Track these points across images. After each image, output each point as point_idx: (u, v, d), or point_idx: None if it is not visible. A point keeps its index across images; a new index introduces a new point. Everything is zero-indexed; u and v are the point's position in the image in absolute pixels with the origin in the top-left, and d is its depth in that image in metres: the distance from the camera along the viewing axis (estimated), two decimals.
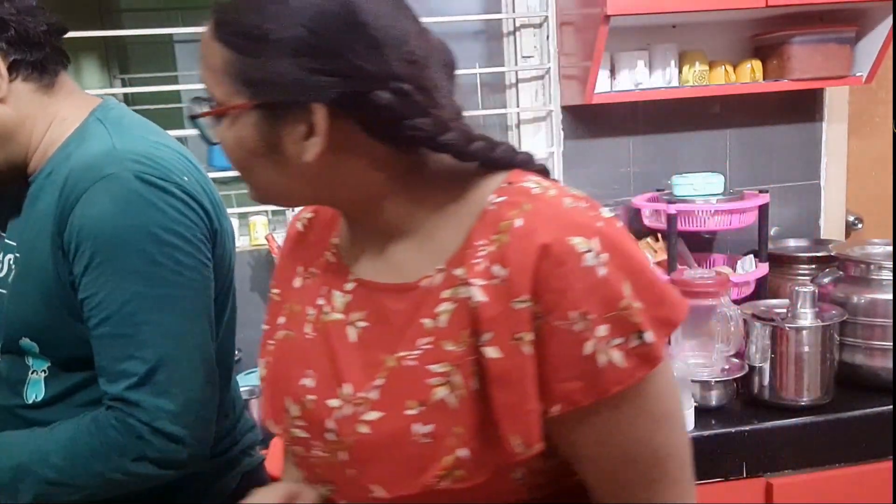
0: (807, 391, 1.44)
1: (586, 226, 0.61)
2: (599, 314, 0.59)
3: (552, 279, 0.59)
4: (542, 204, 0.63)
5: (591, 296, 0.59)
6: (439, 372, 0.63)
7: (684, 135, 1.96)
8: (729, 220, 1.69)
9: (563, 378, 0.60)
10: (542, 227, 0.61)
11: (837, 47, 1.79)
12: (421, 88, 0.64)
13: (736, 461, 1.40)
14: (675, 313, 0.63)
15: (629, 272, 0.60)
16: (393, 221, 0.70)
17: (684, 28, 1.87)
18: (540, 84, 1.95)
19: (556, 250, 0.59)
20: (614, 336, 0.59)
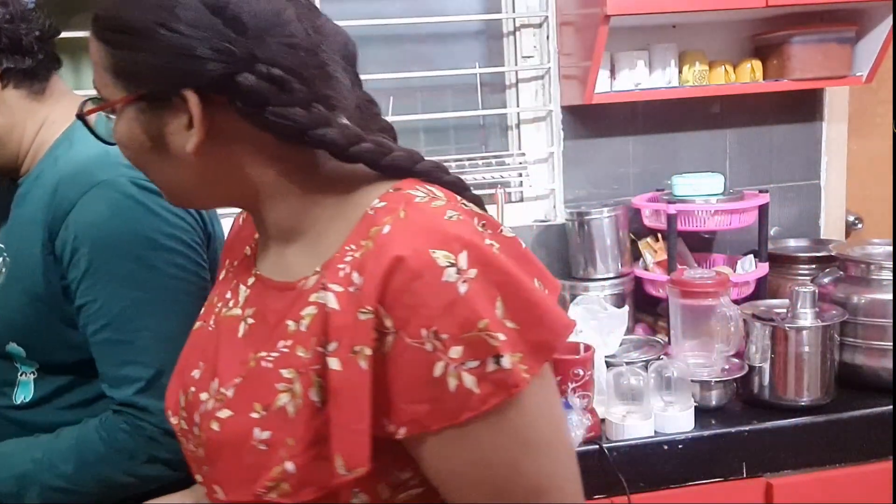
0: (807, 391, 1.44)
1: (455, 239, 0.57)
2: (453, 334, 0.55)
3: (405, 293, 0.55)
4: (417, 213, 0.60)
5: (446, 314, 0.55)
6: (287, 378, 0.61)
7: (684, 135, 1.96)
8: (729, 220, 1.69)
9: (410, 399, 0.56)
10: (405, 236, 0.57)
11: (837, 47, 1.79)
12: (300, 76, 0.62)
13: (736, 461, 1.40)
14: (552, 336, 0.59)
15: (503, 290, 0.57)
16: (287, 220, 0.68)
17: (684, 28, 1.87)
18: (540, 84, 1.95)
19: (412, 263, 0.55)
20: (468, 359, 0.55)
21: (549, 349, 0.59)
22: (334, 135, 0.62)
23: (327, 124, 0.62)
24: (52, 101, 0.97)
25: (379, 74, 1.86)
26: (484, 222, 0.63)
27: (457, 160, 1.89)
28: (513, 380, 0.56)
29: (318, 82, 0.64)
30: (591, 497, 1.37)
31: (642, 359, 1.54)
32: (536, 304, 0.58)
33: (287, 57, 0.61)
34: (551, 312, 0.59)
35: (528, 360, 0.57)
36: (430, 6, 1.92)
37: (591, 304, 1.61)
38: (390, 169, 0.66)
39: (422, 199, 0.62)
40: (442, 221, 0.59)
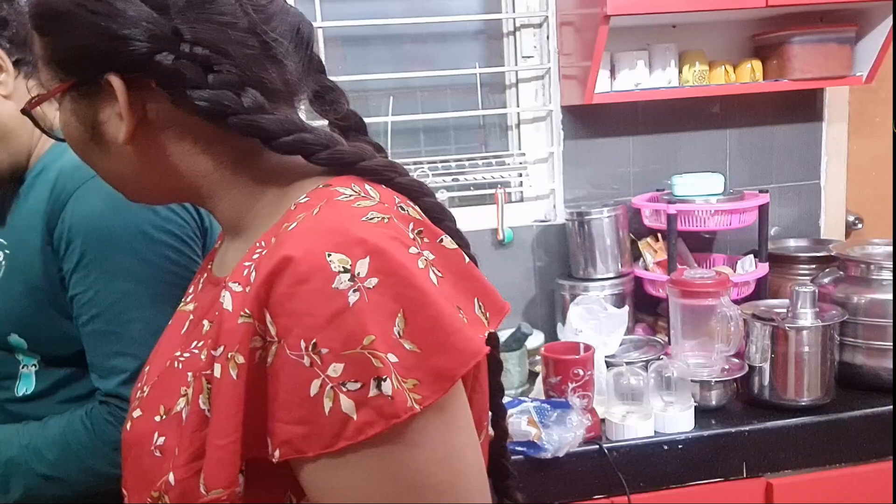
0: (807, 391, 1.44)
1: (359, 242, 0.50)
2: (334, 349, 0.48)
3: (289, 298, 0.49)
4: (331, 211, 0.54)
5: (329, 325, 0.48)
6: (188, 381, 0.57)
7: (684, 135, 1.96)
8: (729, 220, 1.69)
9: (287, 419, 0.50)
10: (305, 235, 0.52)
11: (837, 47, 1.79)
12: (230, 57, 0.57)
13: (736, 461, 1.40)
14: (456, 364, 0.51)
15: (406, 306, 0.50)
16: (231, 215, 0.64)
17: (684, 28, 1.87)
18: (540, 84, 1.95)
19: (301, 265, 0.49)
20: (348, 379, 0.48)
21: (450, 378, 0.51)
22: (264, 122, 0.57)
23: (256, 110, 0.57)
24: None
25: (379, 74, 1.86)
26: (421, 229, 0.57)
27: (457, 160, 1.89)
28: (394, 409, 0.48)
29: (254, 65, 0.59)
30: (591, 497, 1.37)
31: (642, 359, 1.54)
32: (444, 326, 0.51)
33: (215, 36, 0.57)
34: (460, 336, 0.51)
35: (423, 389, 0.49)
36: (430, 6, 1.92)
37: (591, 304, 1.61)
38: (329, 163, 0.60)
39: (345, 198, 0.56)
40: (353, 223, 0.52)
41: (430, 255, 0.55)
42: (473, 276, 0.59)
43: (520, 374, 1.62)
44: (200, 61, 0.56)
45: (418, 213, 0.59)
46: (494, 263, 1.88)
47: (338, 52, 1.88)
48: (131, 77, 0.57)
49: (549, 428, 1.31)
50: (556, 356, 1.41)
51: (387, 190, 0.60)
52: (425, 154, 1.93)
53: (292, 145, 0.59)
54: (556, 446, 1.30)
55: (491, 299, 0.59)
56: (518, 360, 1.62)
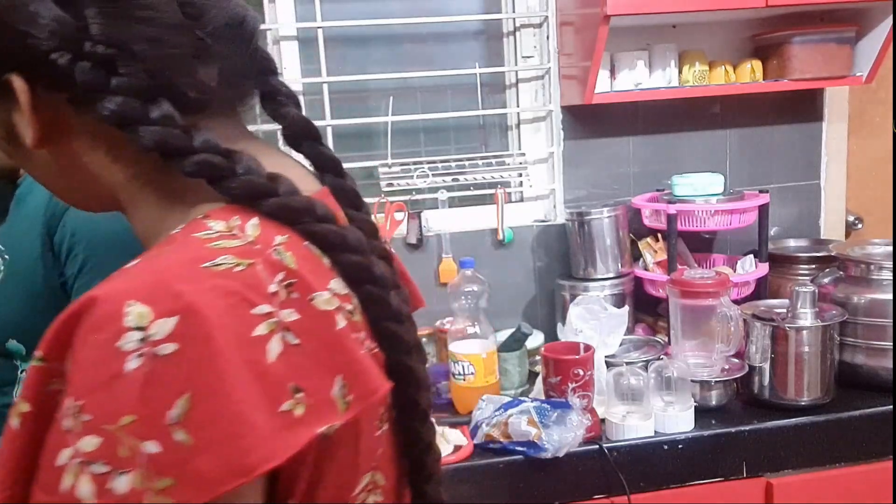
0: (807, 391, 1.44)
1: (176, 297, 0.43)
2: (95, 421, 0.41)
3: (80, 347, 0.43)
4: (176, 249, 0.49)
5: (100, 390, 0.42)
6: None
7: (684, 135, 1.96)
8: (729, 220, 1.69)
9: (39, 483, 0.43)
10: (129, 275, 0.46)
11: (837, 47, 1.79)
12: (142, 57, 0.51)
13: (736, 461, 1.40)
14: (220, 473, 0.42)
15: (199, 388, 0.42)
16: (141, 234, 0.58)
17: (684, 28, 1.87)
18: (540, 84, 1.95)
19: (100, 312, 0.43)
20: (97, 459, 0.41)
21: (216, 485, 0.42)
22: (168, 137, 0.51)
23: (162, 122, 0.51)
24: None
25: (379, 74, 1.86)
26: (293, 282, 0.49)
27: (457, 160, 1.89)
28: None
29: (175, 67, 0.52)
30: (591, 497, 1.37)
31: (642, 359, 1.54)
32: (231, 424, 0.43)
33: (126, 34, 0.50)
34: (242, 442, 0.43)
35: (176, 493, 0.41)
36: (430, 6, 1.92)
37: (591, 304, 1.61)
38: (235, 193, 0.52)
39: (205, 235, 0.49)
40: (185, 269, 0.46)
41: (291, 316, 0.47)
42: (344, 348, 0.50)
43: (520, 374, 1.62)
44: (104, 63, 0.50)
45: (298, 261, 0.50)
46: (494, 263, 1.88)
47: (338, 52, 1.88)
48: (39, 78, 0.52)
49: (549, 428, 1.32)
50: (556, 356, 1.41)
51: (277, 229, 0.52)
52: (425, 154, 1.93)
53: (196, 168, 0.51)
54: (556, 446, 1.30)
55: (360, 379, 0.50)
56: (518, 360, 1.62)
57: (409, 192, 1.87)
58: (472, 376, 1.51)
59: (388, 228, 1.81)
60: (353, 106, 1.93)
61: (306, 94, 1.87)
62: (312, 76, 1.84)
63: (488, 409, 1.42)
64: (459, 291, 1.56)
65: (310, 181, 0.61)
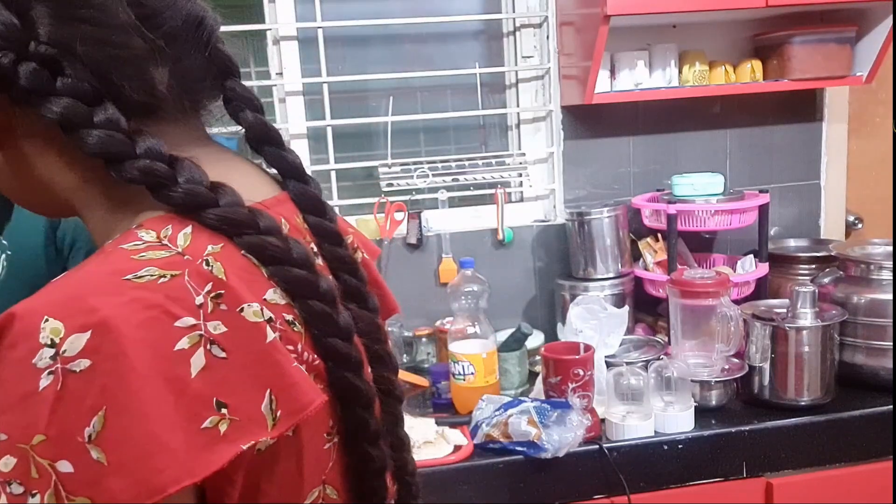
0: (807, 391, 1.44)
1: (89, 312, 0.43)
2: (10, 440, 0.41)
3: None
4: (97, 261, 0.48)
5: (15, 408, 0.41)
6: None
7: (684, 135, 1.96)
8: (729, 220, 1.69)
9: None
10: (51, 289, 0.45)
11: (837, 47, 1.79)
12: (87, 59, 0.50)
13: (736, 461, 1.40)
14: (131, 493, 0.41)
15: (111, 404, 0.41)
16: (98, 241, 0.56)
17: (684, 28, 1.87)
18: (540, 84, 1.95)
19: (17, 327, 0.42)
20: (14, 478, 0.41)
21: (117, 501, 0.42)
22: (110, 142, 0.49)
23: (106, 126, 0.50)
24: None
25: (379, 74, 1.86)
26: (221, 293, 0.48)
27: (457, 160, 1.89)
28: None
29: (122, 69, 0.51)
30: (591, 497, 1.37)
31: (642, 359, 1.54)
32: (142, 443, 0.42)
33: (72, 35, 0.49)
34: (153, 462, 0.42)
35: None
36: (430, 6, 1.92)
37: (591, 304, 1.61)
38: (175, 203, 0.51)
39: (131, 245, 0.48)
40: (103, 281, 0.45)
41: (217, 329, 0.47)
42: (273, 361, 0.49)
43: (520, 374, 1.62)
44: (48, 63, 0.49)
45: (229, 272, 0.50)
46: (494, 263, 1.88)
47: (338, 52, 1.88)
48: None
49: (549, 428, 1.32)
50: (556, 356, 1.41)
51: (211, 238, 0.51)
52: (425, 154, 1.93)
53: (136, 174, 0.50)
54: (556, 446, 1.30)
55: (289, 394, 0.49)
56: (518, 360, 1.62)
57: (409, 192, 1.87)
58: (472, 376, 1.51)
59: (388, 228, 1.82)
60: (353, 106, 1.93)
61: (306, 94, 1.87)
62: (312, 76, 1.84)
63: (488, 409, 1.42)
64: (459, 291, 1.56)
65: (266, 187, 0.60)
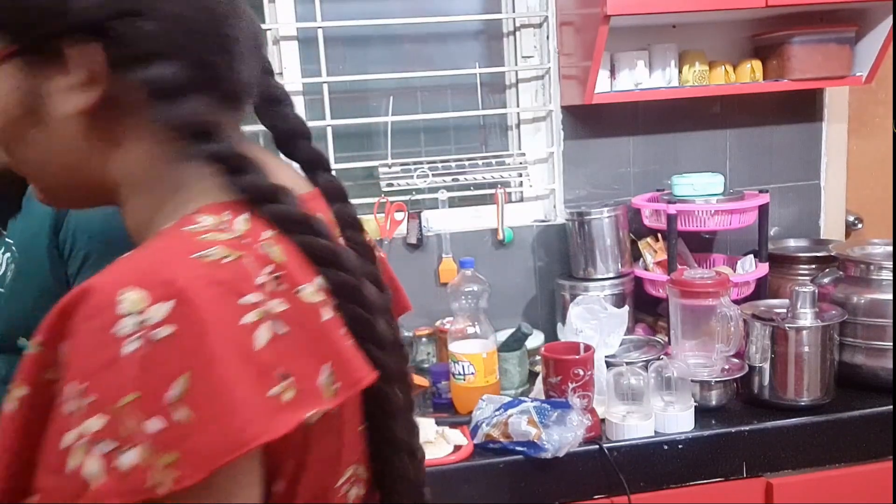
0: (807, 391, 1.44)
1: (168, 283, 0.45)
2: (98, 403, 0.43)
3: (75, 335, 0.44)
4: (163, 241, 0.50)
5: (100, 373, 0.43)
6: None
7: (684, 135, 1.96)
8: (729, 220, 1.69)
9: (43, 466, 0.44)
10: (120, 265, 0.47)
11: (837, 47, 1.79)
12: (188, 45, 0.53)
13: (736, 461, 1.40)
14: (220, 447, 0.43)
15: (197, 369, 0.44)
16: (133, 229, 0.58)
17: (684, 28, 1.87)
18: (540, 84, 1.95)
19: (94, 300, 0.44)
20: (103, 438, 0.42)
21: (216, 458, 0.43)
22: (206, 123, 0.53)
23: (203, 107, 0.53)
24: None
25: (379, 74, 1.86)
26: (280, 274, 0.50)
27: (457, 160, 1.89)
28: (131, 484, 0.42)
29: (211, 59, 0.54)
30: (591, 497, 1.37)
31: (642, 359, 1.54)
32: (225, 401, 0.44)
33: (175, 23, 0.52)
34: (237, 418, 0.44)
35: (183, 466, 0.43)
36: (430, 6, 1.92)
37: (591, 304, 1.61)
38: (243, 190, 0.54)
39: (195, 228, 0.50)
40: (175, 258, 0.47)
41: (279, 307, 0.49)
42: (330, 338, 0.52)
43: (520, 374, 1.62)
44: (155, 41, 0.51)
45: (286, 255, 0.52)
46: (494, 263, 1.88)
47: (338, 52, 1.88)
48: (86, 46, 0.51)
49: (549, 428, 1.32)
50: (556, 356, 1.41)
51: (266, 225, 0.53)
52: (425, 154, 1.93)
53: (217, 155, 0.53)
54: (556, 446, 1.30)
55: (346, 367, 0.52)
56: (518, 360, 1.62)
57: (409, 192, 1.87)
58: (473, 376, 1.51)
59: (389, 228, 1.82)
60: (353, 106, 1.93)
61: (306, 94, 1.87)
62: (312, 76, 1.84)
63: (488, 409, 1.42)
64: (459, 291, 1.56)
65: (301, 183, 0.63)
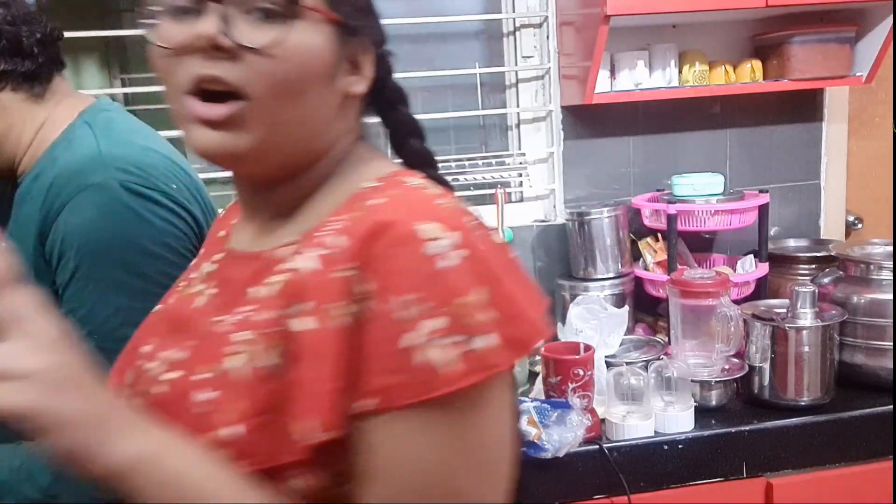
0: (807, 391, 1.44)
1: (448, 219, 0.55)
2: (427, 307, 0.52)
3: (384, 259, 0.53)
4: (410, 192, 0.60)
5: (422, 285, 0.52)
6: (240, 340, 0.58)
7: (684, 135, 1.96)
8: (729, 220, 1.69)
9: (379, 370, 0.52)
10: (395, 207, 0.56)
11: (837, 47, 1.79)
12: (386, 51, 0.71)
13: (736, 461, 1.40)
14: (529, 335, 0.55)
15: (487, 281, 0.54)
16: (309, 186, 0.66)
17: (684, 28, 1.87)
18: (540, 84, 1.95)
19: (397, 231, 0.54)
20: (442, 334, 0.52)
21: (522, 347, 0.55)
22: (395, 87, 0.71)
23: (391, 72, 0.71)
24: (53, 103, 0.96)
25: None
26: (479, 221, 0.61)
27: (457, 160, 1.89)
28: (490, 361, 0.53)
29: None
30: (591, 497, 1.37)
31: (642, 359, 1.54)
32: (515, 300, 0.55)
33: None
34: (530, 311, 0.56)
35: (503, 352, 0.53)
36: (430, 6, 1.92)
37: (591, 304, 1.61)
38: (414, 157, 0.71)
39: (417, 184, 0.61)
40: (436, 203, 0.57)
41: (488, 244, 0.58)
42: (518, 270, 0.61)
43: (520, 374, 1.62)
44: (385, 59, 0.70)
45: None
46: None
47: None
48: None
49: (550, 428, 1.31)
50: (556, 356, 1.41)
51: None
52: None
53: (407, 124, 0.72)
54: (556, 446, 1.30)
55: (532, 292, 0.61)
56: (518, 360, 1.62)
57: None
58: None
59: None
60: None
61: None
62: None
63: None
64: None
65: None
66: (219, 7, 0.57)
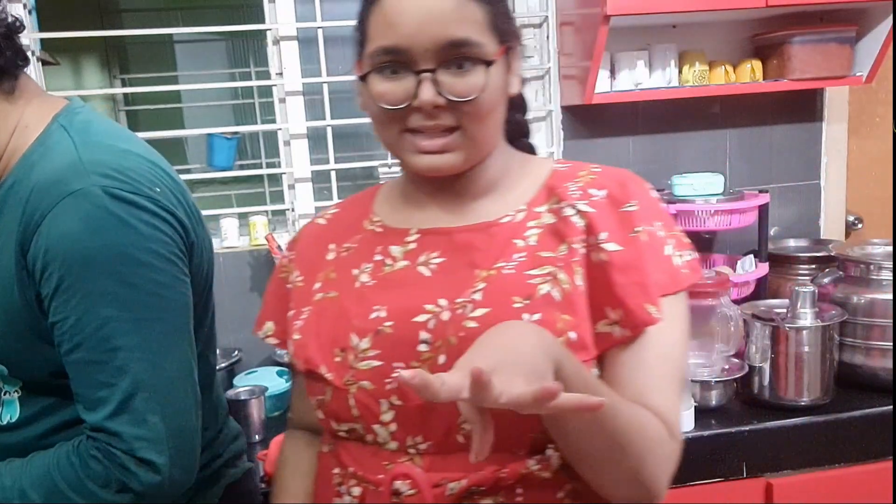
0: (807, 391, 1.44)
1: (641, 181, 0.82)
2: (668, 230, 0.78)
3: (641, 196, 0.78)
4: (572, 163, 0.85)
5: (661, 215, 0.78)
6: (539, 274, 0.74)
7: (684, 135, 1.96)
8: (729, 220, 1.69)
9: (655, 270, 0.74)
10: (617, 170, 0.81)
11: (837, 47, 1.79)
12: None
13: (736, 461, 1.40)
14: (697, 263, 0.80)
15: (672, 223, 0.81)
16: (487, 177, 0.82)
17: (684, 28, 1.87)
18: (540, 84, 1.95)
19: (636, 181, 0.80)
20: (678, 249, 0.77)
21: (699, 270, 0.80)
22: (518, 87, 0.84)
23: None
24: (24, 102, 0.91)
25: None
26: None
27: None
28: (698, 268, 0.79)
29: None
30: None
31: None
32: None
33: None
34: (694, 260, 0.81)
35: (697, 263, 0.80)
36: None
37: None
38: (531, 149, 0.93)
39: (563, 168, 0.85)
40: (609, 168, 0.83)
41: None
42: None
43: None
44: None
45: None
46: None
47: (338, 52, 1.88)
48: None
49: None
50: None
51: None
52: None
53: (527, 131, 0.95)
54: None
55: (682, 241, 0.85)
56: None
57: None
58: None
59: None
60: (353, 106, 1.92)
61: (306, 94, 1.86)
62: (312, 76, 1.84)
63: None
64: None
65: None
66: (429, 74, 0.71)
